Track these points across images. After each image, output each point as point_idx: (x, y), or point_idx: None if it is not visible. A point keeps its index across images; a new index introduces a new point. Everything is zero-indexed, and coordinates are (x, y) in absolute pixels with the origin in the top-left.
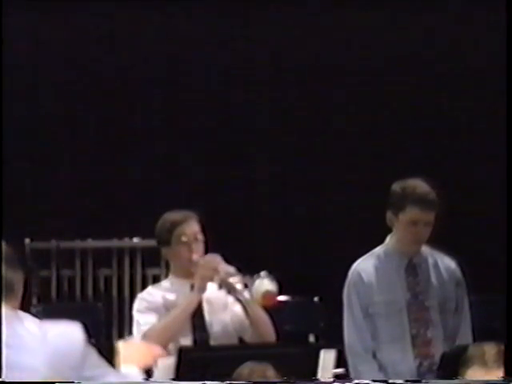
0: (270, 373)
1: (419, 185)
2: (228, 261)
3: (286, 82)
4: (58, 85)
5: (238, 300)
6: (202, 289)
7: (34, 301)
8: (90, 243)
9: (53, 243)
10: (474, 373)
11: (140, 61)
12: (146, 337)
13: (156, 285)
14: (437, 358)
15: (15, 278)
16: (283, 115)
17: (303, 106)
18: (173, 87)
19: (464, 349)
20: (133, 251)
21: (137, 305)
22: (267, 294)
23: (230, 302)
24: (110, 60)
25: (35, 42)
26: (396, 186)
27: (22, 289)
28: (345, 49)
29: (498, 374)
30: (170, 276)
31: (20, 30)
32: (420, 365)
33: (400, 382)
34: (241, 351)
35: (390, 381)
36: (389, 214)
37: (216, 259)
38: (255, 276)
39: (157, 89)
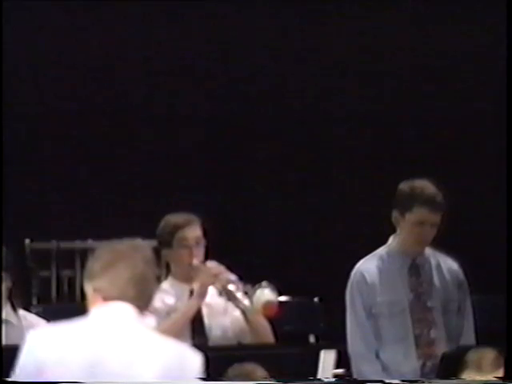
0: (260, 373)
1: (427, 185)
2: (227, 262)
3: (287, 82)
4: (59, 85)
5: (238, 307)
6: (202, 295)
7: (34, 301)
8: (90, 243)
9: (53, 243)
10: (469, 377)
11: (140, 62)
12: None
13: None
14: None
15: (150, 276)
16: (284, 118)
17: (303, 107)
18: (174, 88)
19: (463, 351)
20: None
21: None
22: (268, 305)
23: (230, 306)
24: (109, 60)
25: (35, 41)
26: (404, 186)
27: (153, 292)
28: (345, 50)
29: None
30: (170, 278)
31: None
32: (423, 365)
33: (396, 381)
34: (241, 352)
35: (387, 380)
36: (395, 213)
37: (218, 266)
38: (256, 286)
39: (158, 90)
